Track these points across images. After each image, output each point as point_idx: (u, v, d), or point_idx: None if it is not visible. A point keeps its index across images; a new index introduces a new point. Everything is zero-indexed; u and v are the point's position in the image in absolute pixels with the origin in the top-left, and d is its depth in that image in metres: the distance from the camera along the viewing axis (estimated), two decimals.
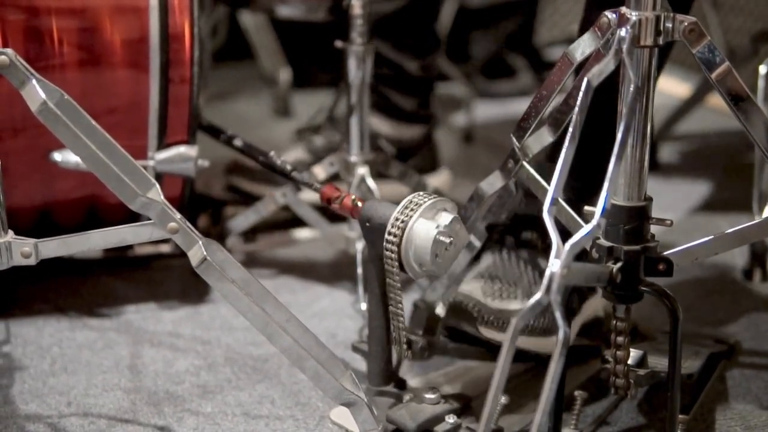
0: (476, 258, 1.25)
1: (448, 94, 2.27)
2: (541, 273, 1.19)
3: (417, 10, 1.69)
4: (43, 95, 0.95)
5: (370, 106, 1.46)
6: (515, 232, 1.25)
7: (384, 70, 1.66)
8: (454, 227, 1.04)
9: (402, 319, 1.07)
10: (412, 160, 1.65)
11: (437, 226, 1.03)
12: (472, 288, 1.18)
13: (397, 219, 1.04)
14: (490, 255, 1.24)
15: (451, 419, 1.08)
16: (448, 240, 1.03)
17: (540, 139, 1.06)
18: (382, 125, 1.69)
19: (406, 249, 1.03)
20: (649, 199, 0.99)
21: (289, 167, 1.36)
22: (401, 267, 1.05)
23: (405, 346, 1.08)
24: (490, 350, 1.22)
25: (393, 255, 1.04)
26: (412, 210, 1.04)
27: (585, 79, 0.93)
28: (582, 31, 1.02)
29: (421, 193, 1.06)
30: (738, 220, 1.02)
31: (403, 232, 1.03)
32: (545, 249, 1.22)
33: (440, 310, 1.18)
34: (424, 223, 1.03)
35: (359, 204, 1.10)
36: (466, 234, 1.08)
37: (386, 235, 1.04)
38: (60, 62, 1.25)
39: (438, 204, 1.05)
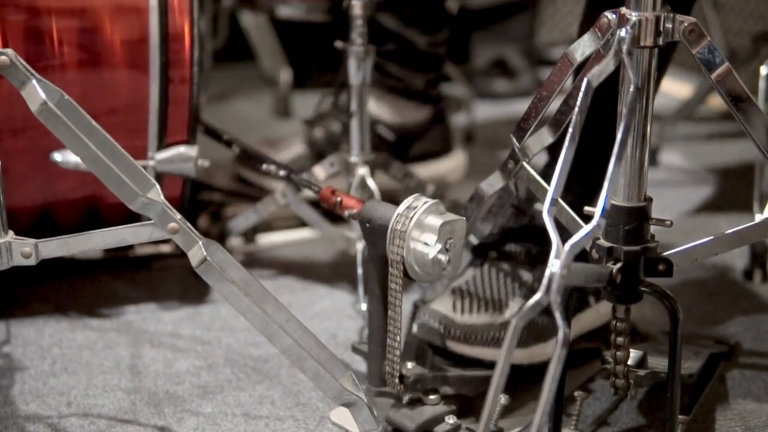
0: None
1: (449, 95, 2.27)
2: (521, 284, 1.19)
3: None
4: (43, 95, 0.95)
5: (376, 87, 1.42)
6: (499, 245, 1.24)
7: (391, 46, 1.62)
8: (446, 230, 1.03)
9: (398, 351, 1.07)
10: (419, 143, 1.62)
11: (427, 247, 1.02)
12: (441, 304, 1.18)
13: (394, 230, 1.03)
14: (471, 270, 1.24)
15: (450, 420, 1.08)
16: (445, 258, 1.02)
17: (540, 139, 1.06)
18: (382, 111, 1.66)
19: (408, 253, 1.03)
20: (649, 200, 0.99)
21: (284, 173, 1.36)
22: (405, 273, 1.05)
23: (397, 380, 1.08)
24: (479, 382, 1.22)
25: (398, 258, 1.04)
26: (407, 218, 1.03)
27: (585, 80, 0.93)
28: (582, 31, 1.02)
29: (417, 195, 1.05)
30: (738, 221, 1.02)
31: (402, 241, 1.03)
32: (529, 261, 1.21)
33: (414, 329, 1.18)
34: (417, 249, 1.03)
35: (359, 205, 1.10)
36: (462, 226, 1.07)
37: (388, 246, 1.04)
38: (60, 62, 1.25)
39: (433, 207, 1.04)
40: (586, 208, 0.98)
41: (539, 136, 1.05)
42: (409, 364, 1.10)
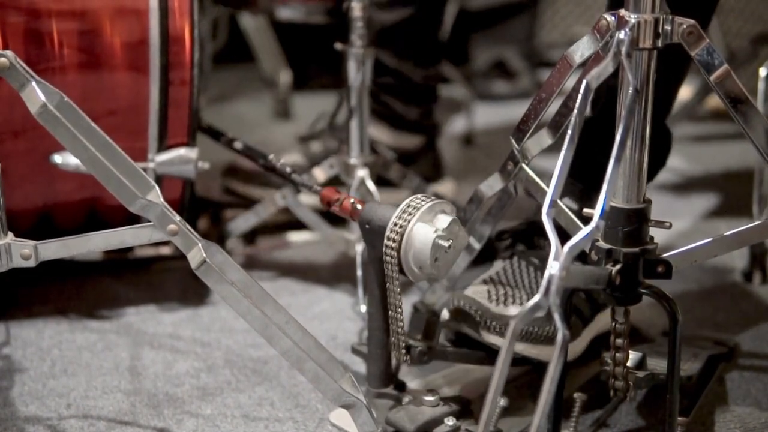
0: (484, 259, 1.25)
1: (448, 97, 2.27)
2: None
3: (421, 20, 1.69)
4: (42, 97, 0.95)
5: (371, 115, 1.46)
6: (527, 238, 1.24)
7: (387, 79, 1.66)
8: (453, 229, 1.04)
9: (401, 324, 1.07)
10: (413, 167, 1.65)
11: (435, 230, 1.03)
12: (476, 292, 1.17)
13: (395, 224, 1.04)
14: (501, 261, 1.24)
15: (450, 421, 1.08)
16: (446, 244, 1.03)
17: (539, 141, 1.06)
18: (382, 134, 1.69)
19: (406, 253, 1.03)
20: (648, 202, 0.99)
21: (288, 170, 1.37)
22: (401, 270, 1.05)
23: (404, 351, 1.08)
24: (492, 355, 1.22)
25: (393, 260, 1.04)
26: (410, 214, 1.04)
27: (584, 81, 0.93)
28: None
29: (420, 195, 1.06)
30: (737, 223, 1.02)
31: (401, 237, 1.03)
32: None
33: (444, 314, 1.17)
34: (422, 226, 1.03)
35: (359, 206, 1.10)
36: (466, 236, 1.08)
37: (385, 240, 1.04)
38: (60, 64, 1.25)
39: (436, 207, 1.05)
40: (585, 210, 0.98)
41: (538, 137, 1.06)
42: (416, 336, 1.10)
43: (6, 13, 1.22)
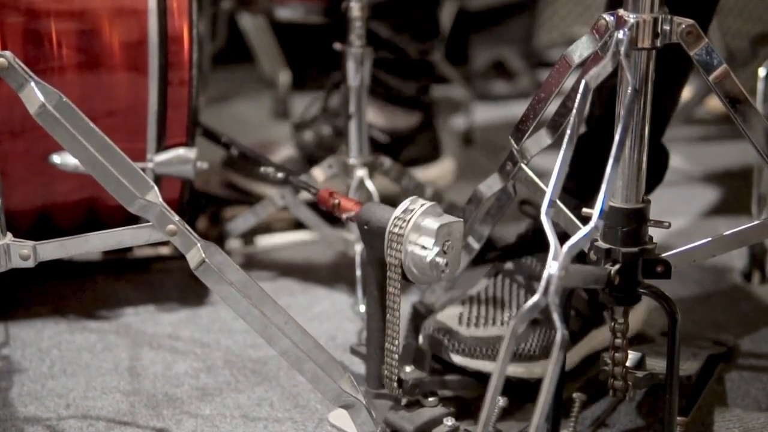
0: (479, 261, 1.25)
1: (448, 97, 2.27)
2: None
3: None
4: (41, 98, 0.95)
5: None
6: (515, 256, 1.24)
7: (383, 53, 1.64)
8: (444, 232, 1.03)
9: (396, 355, 1.07)
10: (409, 148, 1.63)
11: (425, 250, 1.02)
12: (448, 316, 1.18)
13: (391, 233, 1.03)
14: (485, 279, 1.23)
15: (449, 422, 1.08)
16: (443, 260, 1.02)
17: (538, 141, 1.06)
18: (375, 116, 1.67)
19: (405, 257, 1.03)
20: (647, 201, 0.99)
21: (282, 175, 1.36)
22: (403, 276, 1.04)
23: (396, 384, 1.08)
24: (483, 381, 1.22)
25: (396, 262, 1.04)
26: (405, 221, 1.03)
27: (582, 81, 0.93)
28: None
29: (414, 198, 1.05)
30: (736, 222, 1.02)
31: (399, 245, 1.03)
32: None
33: (420, 339, 1.18)
34: (414, 252, 1.03)
35: (357, 207, 1.10)
36: (459, 227, 1.07)
37: (386, 249, 1.04)
38: (59, 65, 1.25)
39: (430, 210, 1.04)
40: (584, 210, 0.98)
41: (538, 137, 1.06)
42: (408, 368, 1.10)
43: (4, 13, 1.22)
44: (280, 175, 1.37)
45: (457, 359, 1.13)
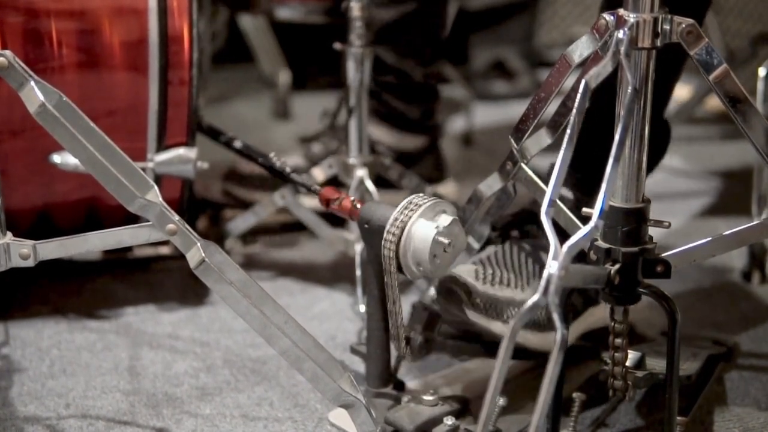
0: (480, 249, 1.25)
1: (448, 97, 2.27)
2: (542, 266, 1.18)
3: (422, 17, 1.68)
4: (41, 97, 0.95)
5: (371, 115, 1.45)
6: (520, 225, 1.24)
7: (387, 78, 1.66)
8: (453, 229, 1.04)
9: (401, 317, 1.07)
10: (414, 169, 1.64)
11: (436, 227, 1.03)
12: (464, 270, 1.16)
13: (396, 219, 1.04)
14: (493, 246, 1.23)
15: (449, 421, 1.08)
16: (446, 241, 1.03)
17: (538, 140, 1.06)
18: (382, 134, 1.68)
19: (405, 249, 1.03)
20: (647, 201, 0.99)
21: (288, 169, 1.37)
22: (399, 268, 1.05)
23: (403, 343, 1.08)
24: (484, 346, 1.22)
25: (391, 254, 1.04)
26: (411, 210, 1.04)
27: (583, 81, 0.93)
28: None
29: (421, 194, 1.06)
30: (736, 222, 1.02)
31: (402, 232, 1.03)
32: None
33: (431, 292, 1.16)
34: (423, 223, 1.03)
35: (358, 206, 1.10)
36: (465, 240, 1.08)
37: (385, 234, 1.04)
38: (59, 64, 1.25)
39: (437, 206, 1.05)
40: (584, 210, 0.98)
41: (538, 137, 1.06)
42: (416, 328, 1.10)
43: (5, 12, 1.22)
44: (287, 168, 1.37)
45: (471, 314, 1.13)
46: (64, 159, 1.25)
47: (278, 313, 1.03)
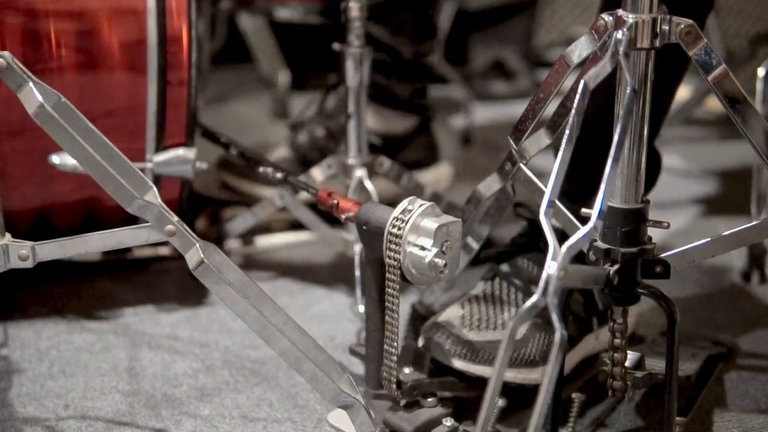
0: (476, 262, 1.24)
1: (447, 97, 2.27)
2: None
3: None
4: (40, 98, 0.95)
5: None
6: (510, 258, 1.24)
7: (378, 56, 1.64)
8: (442, 233, 1.03)
9: (395, 357, 1.07)
10: (404, 152, 1.63)
11: (424, 251, 1.02)
12: (450, 317, 1.17)
13: (391, 233, 1.03)
14: (482, 283, 1.23)
15: (448, 422, 1.08)
16: (442, 261, 1.02)
17: (537, 141, 1.06)
18: (369, 119, 1.67)
19: (404, 258, 1.03)
20: (646, 202, 0.99)
21: (281, 175, 1.36)
22: (403, 278, 1.04)
23: (394, 386, 1.08)
24: (480, 384, 1.21)
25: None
26: (404, 222, 1.03)
27: (582, 82, 0.93)
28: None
29: (415, 198, 1.05)
30: (736, 223, 1.02)
31: (400, 246, 1.03)
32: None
33: (420, 341, 1.17)
34: (413, 253, 1.02)
35: (356, 207, 1.10)
36: (458, 228, 1.07)
37: (385, 248, 1.03)
38: (58, 65, 1.25)
39: (429, 210, 1.04)
40: (583, 210, 0.98)
41: (537, 137, 1.06)
42: (406, 369, 1.10)
43: (3, 13, 1.22)
44: (278, 175, 1.37)
45: (458, 364, 1.13)
46: (63, 160, 1.24)
47: (277, 313, 1.03)
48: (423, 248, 1.02)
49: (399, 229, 1.03)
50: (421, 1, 1.69)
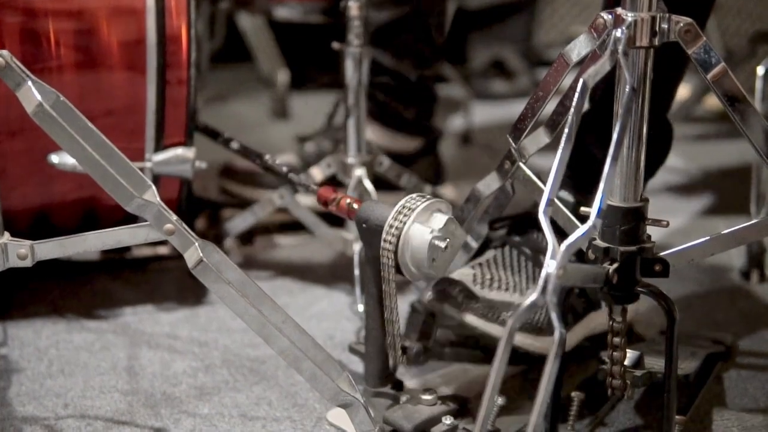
0: (479, 254, 1.24)
1: (446, 96, 2.27)
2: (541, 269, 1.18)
3: (417, 19, 1.68)
4: (38, 97, 0.94)
5: (368, 116, 1.45)
6: (521, 230, 1.24)
7: (383, 79, 1.65)
8: (449, 227, 1.04)
9: (397, 326, 1.07)
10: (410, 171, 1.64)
11: (431, 230, 1.02)
12: (462, 274, 1.17)
13: (391, 226, 1.03)
14: (492, 250, 1.23)
15: (447, 420, 1.08)
16: (443, 243, 1.03)
17: (536, 140, 1.06)
18: (375, 135, 1.67)
19: (403, 254, 1.03)
20: (646, 200, 0.99)
21: (285, 169, 1.37)
22: (398, 270, 1.04)
23: (399, 353, 1.08)
24: (483, 351, 1.22)
25: (389, 261, 1.04)
26: (405, 215, 1.03)
27: (581, 80, 0.93)
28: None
29: (415, 195, 1.05)
30: (735, 221, 1.02)
31: (398, 239, 1.03)
32: None
33: (428, 294, 1.16)
34: (418, 228, 1.03)
35: (356, 205, 1.10)
36: (463, 234, 1.08)
37: (382, 243, 1.03)
38: (57, 64, 1.25)
39: (432, 206, 1.05)
40: (583, 209, 0.98)
41: (536, 136, 1.06)
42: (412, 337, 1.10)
43: (2, 12, 1.22)
44: (284, 168, 1.37)
45: (468, 318, 1.13)
46: (62, 159, 1.24)
47: (276, 312, 1.03)
48: (422, 247, 1.02)
49: (397, 229, 1.03)
50: (425, 25, 1.69)
